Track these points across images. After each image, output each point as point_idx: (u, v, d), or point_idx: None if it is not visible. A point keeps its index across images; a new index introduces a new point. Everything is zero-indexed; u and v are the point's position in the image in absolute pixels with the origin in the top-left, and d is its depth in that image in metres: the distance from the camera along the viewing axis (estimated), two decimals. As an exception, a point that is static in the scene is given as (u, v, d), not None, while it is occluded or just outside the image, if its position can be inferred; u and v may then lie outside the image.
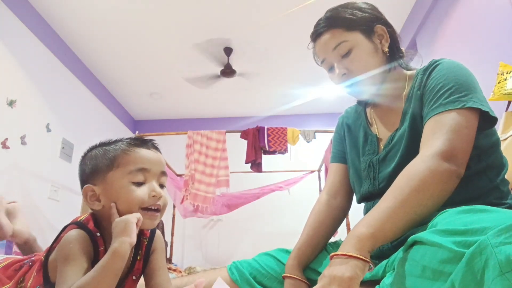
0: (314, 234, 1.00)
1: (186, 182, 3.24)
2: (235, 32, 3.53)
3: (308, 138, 3.51)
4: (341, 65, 0.95)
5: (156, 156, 0.81)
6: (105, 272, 0.66)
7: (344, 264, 0.65)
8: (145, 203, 0.76)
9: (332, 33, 0.95)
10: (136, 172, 0.77)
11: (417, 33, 3.26)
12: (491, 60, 2.08)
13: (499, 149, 0.90)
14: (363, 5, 0.99)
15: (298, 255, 0.96)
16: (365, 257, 0.66)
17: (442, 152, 0.76)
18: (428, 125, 0.83)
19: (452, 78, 0.84)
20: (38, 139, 3.18)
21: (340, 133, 1.14)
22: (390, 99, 0.99)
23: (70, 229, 0.74)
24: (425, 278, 0.55)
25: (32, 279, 0.75)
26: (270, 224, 4.73)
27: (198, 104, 5.09)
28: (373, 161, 0.96)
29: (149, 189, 0.77)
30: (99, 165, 0.78)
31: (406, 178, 0.75)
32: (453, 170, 0.75)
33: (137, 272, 0.82)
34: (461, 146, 0.77)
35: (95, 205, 0.77)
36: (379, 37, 0.96)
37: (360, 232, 0.70)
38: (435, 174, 0.74)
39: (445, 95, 0.83)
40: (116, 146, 0.80)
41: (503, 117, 1.59)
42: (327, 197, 1.07)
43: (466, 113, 0.80)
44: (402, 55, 1.00)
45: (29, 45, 3.11)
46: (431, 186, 0.73)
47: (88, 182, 0.79)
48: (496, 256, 0.45)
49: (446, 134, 0.78)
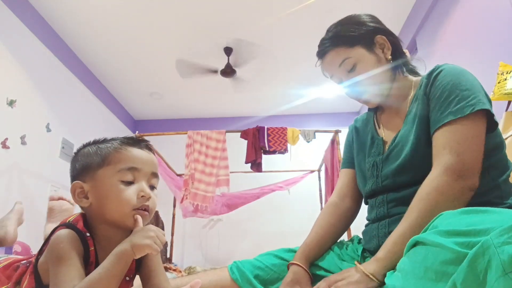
0: (323, 234, 1.04)
1: (186, 182, 3.24)
2: (235, 32, 3.53)
3: (308, 138, 3.51)
4: (348, 79, 1.01)
5: (148, 157, 0.80)
6: (113, 273, 0.65)
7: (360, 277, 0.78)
8: (135, 204, 0.74)
9: (336, 52, 1.00)
10: (125, 171, 0.75)
11: (417, 33, 3.26)
12: (491, 60, 2.09)
13: (504, 151, 0.91)
14: (362, 18, 1.03)
15: (307, 250, 1.00)
16: (375, 277, 0.76)
17: (451, 168, 0.79)
18: (438, 136, 0.85)
19: (457, 84, 0.86)
20: (38, 139, 3.18)
21: (349, 139, 1.19)
22: (396, 104, 1.02)
23: (59, 230, 0.73)
24: (428, 279, 0.55)
25: (26, 282, 0.74)
26: (270, 224, 4.73)
27: (198, 104, 5.09)
28: (376, 161, 0.99)
29: (137, 189, 0.75)
30: (90, 162, 0.77)
31: (418, 200, 0.80)
32: (465, 186, 0.78)
33: (130, 272, 0.81)
34: (471, 158, 0.80)
35: (83, 202, 0.76)
36: (380, 46, 1.00)
37: (377, 255, 0.80)
38: (445, 194, 0.77)
39: (453, 102, 0.84)
40: (109, 144, 0.79)
41: (503, 117, 1.59)
42: (336, 199, 1.11)
43: (475, 117, 0.81)
44: (406, 59, 1.03)
45: (29, 45, 3.10)
46: (443, 206, 0.76)
47: (78, 178, 0.78)
48: (499, 256, 0.45)
49: (455, 148, 0.80)
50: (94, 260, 0.74)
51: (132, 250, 0.67)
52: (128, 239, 0.69)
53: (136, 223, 0.73)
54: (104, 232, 0.76)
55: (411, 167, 0.89)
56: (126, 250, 0.67)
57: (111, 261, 0.67)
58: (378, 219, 0.96)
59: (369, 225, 1.01)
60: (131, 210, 0.74)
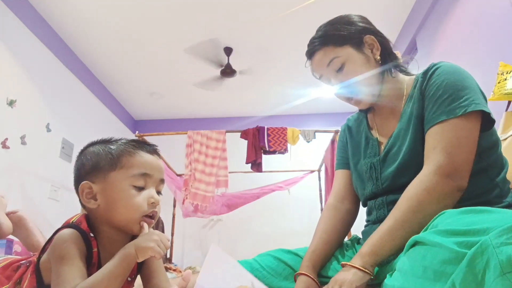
0: (328, 239, 1.02)
1: (186, 182, 3.24)
2: (235, 32, 3.53)
3: (308, 138, 3.51)
4: (337, 79, 1.00)
5: (157, 163, 0.80)
6: (116, 275, 0.66)
7: (347, 271, 0.79)
8: (145, 211, 0.75)
9: (324, 51, 0.99)
10: (138, 176, 0.75)
11: (417, 33, 3.26)
12: (491, 60, 2.08)
13: (500, 150, 0.90)
14: (352, 18, 1.02)
15: (313, 258, 0.97)
16: (366, 268, 0.78)
17: (441, 168, 0.79)
18: (429, 135, 0.85)
19: (452, 83, 0.85)
20: (38, 139, 3.18)
21: (343, 140, 1.18)
22: (389, 103, 1.01)
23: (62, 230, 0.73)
24: (427, 279, 0.55)
25: (27, 281, 0.74)
26: (270, 224, 4.73)
27: (198, 104, 5.09)
28: (374, 163, 0.98)
29: (148, 196, 0.76)
30: (101, 162, 0.76)
31: (406, 199, 0.81)
32: (454, 186, 0.78)
33: (132, 273, 0.81)
34: (461, 159, 0.80)
35: (91, 203, 0.75)
36: (369, 46, 0.99)
37: (363, 250, 0.81)
38: (432, 194, 0.78)
39: (446, 102, 0.84)
40: (121, 146, 0.78)
41: (503, 117, 1.59)
42: (335, 202, 1.10)
43: (468, 118, 0.81)
44: (396, 60, 1.02)
45: (29, 45, 3.11)
46: (429, 206, 0.77)
47: (86, 178, 0.76)
48: (497, 256, 0.45)
49: (446, 148, 0.80)
50: (96, 261, 0.74)
51: (136, 253, 0.68)
52: (132, 242, 0.70)
53: (142, 230, 0.74)
54: (107, 234, 0.76)
55: (410, 168, 0.88)
56: (130, 253, 0.68)
57: (114, 262, 0.67)
58: (378, 221, 0.95)
59: (369, 225, 1.01)
60: (140, 216, 0.74)
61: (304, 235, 1.06)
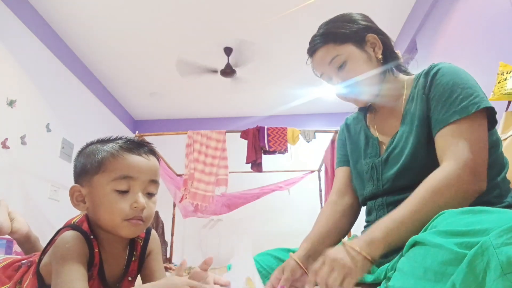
0: (325, 231, 1.00)
1: (185, 181, 3.24)
2: (235, 32, 3.53)
3: (308, 138, 3.51)
4: (338, 77, 0.99)
5: (146, 164, 0.76)
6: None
7: (351, 255, 0.71)
8: (127, 215, 0.72)
9: (326, 48, 0.98)
10: (120, 180, 0.73)
11: (417, 33, 3.26)
12: (491, 60, 2.08)
13: (500, 149, 0.90)
14: (354, 17, 1.01)
15: (307, 247, 0.95)
16: (374, 260, 0.71)
17: (469, 165, 0.76)
18: (443, 136, 0.83)
19: (458, 83, 0.85)
20: (38, 139, 3.18)
21: (342, 138, 1.17)
22: (389, 103, 1.01)
23: (65, 231, 0.72)
24: (427, 280, 0.55)
25: (28, 281, 0.74)
26: (270, 224, 4.72)
27: (198, 104, 5.09)
28: (375, 163, 0.97)
29: (131, 200, 0.73)
30: (87, 166, 0.75)
31: (430, 192, 0.76)
32: (476, 189, 0.76)
33: (133, 273, 0.81)
34: (482, 160, 0.79)
35: (80, 206, 0.75)
36: (371, 45, 0.98)
37: (374, 236, 0.74)
38: (458, 193, 0.75)
39: (457, 101, 0.83)
40: (108, 148, 0.76)
41: (503, 117, 1.59)
42: (335, 198, 1.09)
43: (479, 117, 0.81)
44: (398, 59, 1.01)
45: (29, 45, 3.11)
46: (450, 201, 0.74)
47: (77, 181, 0.77)
48: (498, 257, 0.45)
49: (470, 147, 0.78)
50: (98, 262, 0.74)
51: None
52: (186, 280, 0.67)
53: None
54: (105, 235, 0.76)
55: (412, 170, 0.88)
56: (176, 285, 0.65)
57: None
58: None
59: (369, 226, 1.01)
60: (122, 221, 0.72)
61: (304, 235, 1.05)
